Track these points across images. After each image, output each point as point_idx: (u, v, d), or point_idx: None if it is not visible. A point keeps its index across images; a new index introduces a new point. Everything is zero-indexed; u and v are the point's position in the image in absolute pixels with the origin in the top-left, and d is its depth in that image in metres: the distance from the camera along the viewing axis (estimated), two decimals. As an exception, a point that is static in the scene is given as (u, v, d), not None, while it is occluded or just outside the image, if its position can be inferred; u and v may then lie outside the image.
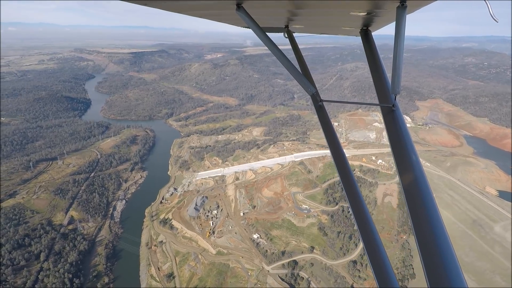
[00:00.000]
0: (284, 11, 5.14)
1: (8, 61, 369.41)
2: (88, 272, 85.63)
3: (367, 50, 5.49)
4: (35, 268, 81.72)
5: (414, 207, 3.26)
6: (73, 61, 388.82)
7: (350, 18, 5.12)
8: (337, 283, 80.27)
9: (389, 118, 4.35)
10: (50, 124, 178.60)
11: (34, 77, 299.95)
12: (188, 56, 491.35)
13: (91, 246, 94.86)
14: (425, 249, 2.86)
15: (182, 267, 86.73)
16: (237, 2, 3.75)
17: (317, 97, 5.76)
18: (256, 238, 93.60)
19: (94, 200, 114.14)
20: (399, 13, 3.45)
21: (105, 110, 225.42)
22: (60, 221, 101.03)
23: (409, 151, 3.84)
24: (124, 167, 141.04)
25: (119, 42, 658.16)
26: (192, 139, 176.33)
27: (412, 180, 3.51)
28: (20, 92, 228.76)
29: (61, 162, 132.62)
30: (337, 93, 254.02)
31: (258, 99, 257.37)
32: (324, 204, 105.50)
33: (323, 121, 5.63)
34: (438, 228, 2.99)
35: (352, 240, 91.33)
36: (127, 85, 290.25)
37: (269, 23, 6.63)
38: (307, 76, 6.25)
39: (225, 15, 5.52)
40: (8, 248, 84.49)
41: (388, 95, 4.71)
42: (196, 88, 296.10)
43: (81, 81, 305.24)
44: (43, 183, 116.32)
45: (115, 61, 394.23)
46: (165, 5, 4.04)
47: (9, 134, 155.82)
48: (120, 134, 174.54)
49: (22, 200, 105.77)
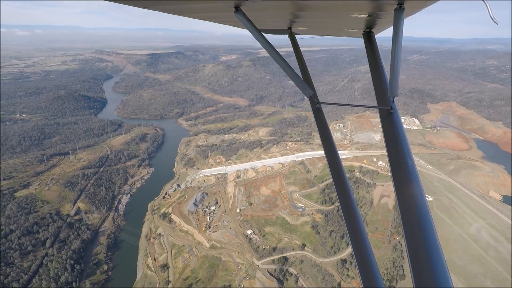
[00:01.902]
0: (285, 13, 5.18)
1: (34, 62, 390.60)
2: (89, 260, 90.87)
3: (369, 52, 5.58)
4: (41, 254, 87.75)
5: (406, 209, 3.32)
6: (93, 62, 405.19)
7: (352, 20, 5.19)
8: (324, 281, 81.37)
9: (386, 121, 4.38)
10: (66, 121, 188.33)
11: (56, 77, 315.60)
12: (203, 57, 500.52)
13: (94, 236, 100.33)
14: (414, 251, 2.93)
15: (177, 258, 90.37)
16: (235, 5, 3.82)
17: (314, 99, 5.82)
18: (250, 234, 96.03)
19: (100, 193, 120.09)
20: (397, 15, 3.53)
21: (120, 109, 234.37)
22: (68, 212, 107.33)
23: (405, 155, 3.85)
24: (132, 163, 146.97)
25: (139, 44, 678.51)
26: (200, 138, 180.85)
27: (405, 184, 3.55)
28: (42, 91, 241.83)
29: (73, 157, 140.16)
30: (347, 95, 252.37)
31: (268, 100, 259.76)
32: (319, 203, 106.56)
33: (319, 123, 5.73)
34: (428, 230, 3.05)
35: (344, 239, 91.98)
36: (142, 85, 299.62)
37: (271, 25, 6.71)
38: (306, 78, 6.33)
39: (224, 17, 5.54)
40: (18, 234, 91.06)
41: (387, 98, 4.74)
42: (208, 88, 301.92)
43: (99, 81, 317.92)
44: (55, 176, 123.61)
45: (133, 62, 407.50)
46: (166, 8, 4.11)
47: (29, 130, 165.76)
48: (131, 132, 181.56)
49: (35, 190, 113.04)
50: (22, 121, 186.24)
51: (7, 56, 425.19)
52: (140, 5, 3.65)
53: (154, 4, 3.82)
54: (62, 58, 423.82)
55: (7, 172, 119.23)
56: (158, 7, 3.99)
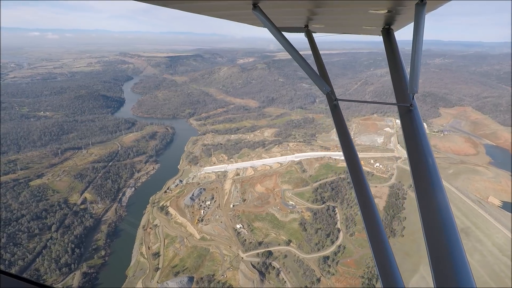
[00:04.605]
0: (302, 10, 5.15)
1: (62, 63, 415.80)
2: (89, 245, 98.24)
3: (388, 50, 5.52)
4: (46, 237, 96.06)
5: (426, 208, 3.19)
6: (116, 64, 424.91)
7: (371, 17, 5.13)
8: (305, 275, 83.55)
9: (406, 118, 4.33)
10: (84, 118, 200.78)
11: (81, 77, 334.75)
12: (221, 60, 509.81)
13: (96, 224, 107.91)
14: (434, 250, 2.84)
15: (168, 248, 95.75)
16: (253, 2, 3.83)
17: (332, 96, 5.76)
18: (239, 228, 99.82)
19: (107, 186, 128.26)
20: (418, 10, 3.42)
21: (135, 108, 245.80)
22: (75, 201, 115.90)
23: (425, 152, 3.79)
24: (140, 159, 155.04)
25: (162, 47, 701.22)
26: (207, 137, 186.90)
27: (426, 182, 3.46)
28: (66, 91, 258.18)
29: (85, 151, 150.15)
30: (357, 98, 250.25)
31: (278, 102, 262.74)
32: (310, 202, 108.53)
33: (337, 120, 5.64)
34: (450, 230, 2.96)
35: (329, 237, 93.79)
36: (159, 86, 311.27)
37: (288, 23, 6.71)
38: (324, 75, 6.36)
39: (242, 15, 5.59)
40: (28, 219, 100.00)
41: (406, 95, 4.66)
42: (222, 90, 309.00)
43: (120, 82, 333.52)
44: (67, 168, 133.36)
45: (153, 64, 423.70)
46: (185, 6, 4.18)
47: (49, 126, 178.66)
48: (143, 130, 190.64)
49: (47, 181, 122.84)
50: (45, 118, 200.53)
51: (38, 58, 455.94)
52: (159, 4, 3.75)
53: (173, 3, 3.94)
54: (88, 60, 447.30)
55: (24, 163, 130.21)
56: (177, 5, 4.10)
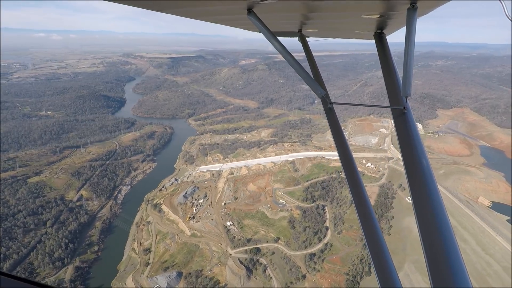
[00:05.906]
0: (296, 15, 5.21)
1: (66, 64, 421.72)
2: (82, 240, 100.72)
3: (381, 53, 5.58)
4: (41, 232, 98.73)
5: (421, 209, 3.22)
6: (119, 65, 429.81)
7: (363, 21, 5.19)
8: (291, 272, 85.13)
9: (400, 121, 4.37)
10: (85, 118, 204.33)
11: (84, 78, 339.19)
12: (223, 61, 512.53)
13: (91, 221, 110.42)
14: (430, 251, 2.87)
15: (159, 244, 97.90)
16: (248, 7, 3.83)
17: (326, 100, 5.82)
18: (229, 225, 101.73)
19: (103, 183, 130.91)
20: (410, 14, 3.50)
21: (135, 108, 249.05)
22: (71, 198, 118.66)
23: (419, 154, 3.81)
24: (137, 158, 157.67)
25: (165, 48, 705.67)
26: (205, 137, 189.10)
27: (420, 183, 3.49)
28: (68, 91, 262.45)
29: (84, 150, 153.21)
30: (357, 98, 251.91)
31: (277, 103, 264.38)
32: (300, 200, 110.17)
33: (332, 123, 5.72)
34: (445, 231, 2.97)
35: (317, 235, 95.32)
36: (160, 87, 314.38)
37: (282, 27, 6.77)
38: (318, 79, 6.43)
39: (237, 20, 5.61)
40: (24, 214, 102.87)
41: (400, 98, 4.73)
42: (222, 91, 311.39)
43: (122, 82, 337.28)
44: (65, 166, 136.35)
45: (155, 65, 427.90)
46: (180, 11, 4.22)
47: (50, 125, 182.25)
48: (142, 130, 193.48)
49: (45, 178, 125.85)
50: (46, 117, 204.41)
51: (43, 59, 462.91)
52: (155, 9, 3.79)
53: (169, 7, 3.96)
54: (92, 61, 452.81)
55: (23, 160, 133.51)
56: (173, 11, 4.12)
